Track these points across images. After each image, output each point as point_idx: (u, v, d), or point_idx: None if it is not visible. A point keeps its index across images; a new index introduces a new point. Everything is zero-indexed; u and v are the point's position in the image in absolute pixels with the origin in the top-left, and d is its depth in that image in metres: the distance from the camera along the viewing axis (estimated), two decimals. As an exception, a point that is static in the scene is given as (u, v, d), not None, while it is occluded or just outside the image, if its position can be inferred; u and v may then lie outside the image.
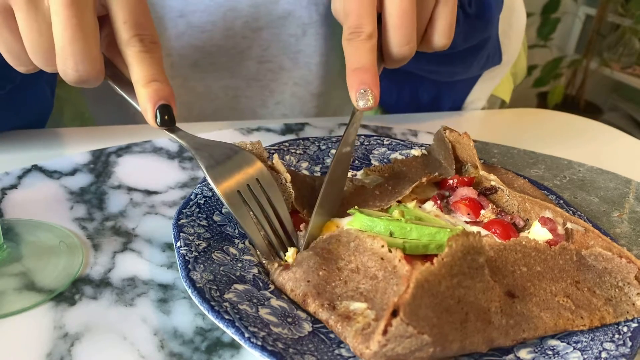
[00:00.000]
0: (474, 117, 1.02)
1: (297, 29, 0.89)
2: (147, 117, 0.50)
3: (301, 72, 0.94)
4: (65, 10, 0.45)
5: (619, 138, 0.96)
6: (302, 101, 0.97)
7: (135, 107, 0.51)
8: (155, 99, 0.49)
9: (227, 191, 0.49)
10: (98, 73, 0.49)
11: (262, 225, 0.51)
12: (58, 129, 0.81)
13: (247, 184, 0.51)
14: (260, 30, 0.88)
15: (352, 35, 0.54)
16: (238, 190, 0.50)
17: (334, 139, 0.72)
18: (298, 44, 0.91)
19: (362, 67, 0.53)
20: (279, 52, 0.91)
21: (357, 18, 0.54)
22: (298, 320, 0.44)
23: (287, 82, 0.95)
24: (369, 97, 0.52)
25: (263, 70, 0.92)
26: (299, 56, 0.92)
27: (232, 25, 0.86)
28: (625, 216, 0.67)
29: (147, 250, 0.54)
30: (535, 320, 0.45)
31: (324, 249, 0.49)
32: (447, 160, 0.65)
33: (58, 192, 0.61)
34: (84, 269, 0.51)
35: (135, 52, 0.49)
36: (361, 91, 0.52)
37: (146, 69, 0.49)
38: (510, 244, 0.48)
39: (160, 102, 0.49)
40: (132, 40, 0.49)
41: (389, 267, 0.45)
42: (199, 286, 0.44)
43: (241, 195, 0.50)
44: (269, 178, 0.52)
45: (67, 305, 0.47)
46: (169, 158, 0.70)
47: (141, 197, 0.62)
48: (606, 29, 3.43)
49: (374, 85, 0.52)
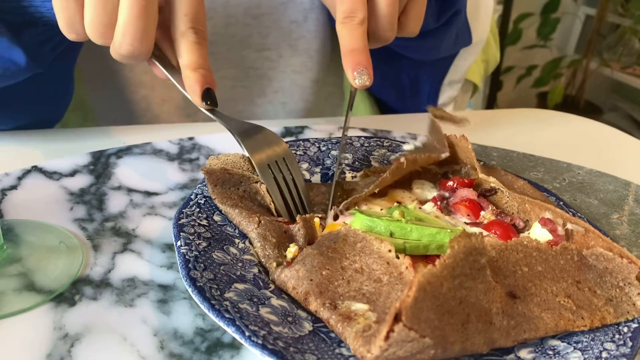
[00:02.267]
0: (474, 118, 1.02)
1: (299, 14, 0.90)
2: (194, 97, 0.56)
3: (301, 59, 0.95)
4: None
5: (619, 138, 0.96)
6: (301, 88, 0.98)
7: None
8: (202, 82, 0.56)
9: (259, 161, 0.57)
10: (149, 52, 0.55)
11: (283, 193, 0.58)
12: (58, 130, 0.81)
13: (275, 159, 0.58)
14: (261, 17, 0.89)
15: (347, 20, 0.59)
16: (268, 163, 0.58)
17: (334, 140, 0.72)
18: (299, 30, 0.92)
19: (357, 48, 0.58)
20: (279, 40, 0.92)
21: (351, 4, 0.59)
22: (298, 320, 0.44)
23: (285, 70, 0.95)
24: (365, 76, 0.58)
25: (261, 59, 0.93)
26: (298, 43, 0.93)
27: (234, 12, 0.87)
28: (625, 218, 0.67)
29: (147, 251, 0.54)
30: (536, 321, 0.45)
31: (329, 248, 0.49)
32: (441, 142, 0.65)
33: (58, 193, 0.61)
34: (84, 269, 0.51)
35: (189, 42, 0.55)
36: (358, 71, 0.58)
37: (197, 57, 0.56)
38: (511, 244, 0.48)
39: (206, 85, 0.56)
40: (189, 31, 0.55)
41: (395, 272, 0.45)
42: (200, 285, 0.44)
43: (270, 168, 0.58)
44: (293, 158, 0.60)
45: (67, 305, 0.47)
46: (168, 160, 0.70)
47: (141, 198, 0.62)
48: (606, 29, 3.43)
49: (368, 65, 0.58)
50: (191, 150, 0.73)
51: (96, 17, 0.53)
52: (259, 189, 0.57)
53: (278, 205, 0.57)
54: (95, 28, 0.53)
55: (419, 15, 0.65)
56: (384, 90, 1.08)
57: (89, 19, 0.53)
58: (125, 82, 0.90)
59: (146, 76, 0.89)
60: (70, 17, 0.54)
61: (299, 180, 0.59)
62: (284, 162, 0.59)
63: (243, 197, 0.56)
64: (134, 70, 0.89)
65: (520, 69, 3.44)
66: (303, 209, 0.59)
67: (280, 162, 0.59)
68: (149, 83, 0.90)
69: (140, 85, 0.90)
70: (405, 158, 0.59)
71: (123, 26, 0.52)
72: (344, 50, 0.59)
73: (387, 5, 0.60)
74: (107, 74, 0.89)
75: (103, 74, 0.89)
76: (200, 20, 0.56)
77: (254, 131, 0.60)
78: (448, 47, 0.98)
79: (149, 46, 0.54)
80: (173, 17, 0.55)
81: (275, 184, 0.57)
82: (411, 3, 0.64)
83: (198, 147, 0.74)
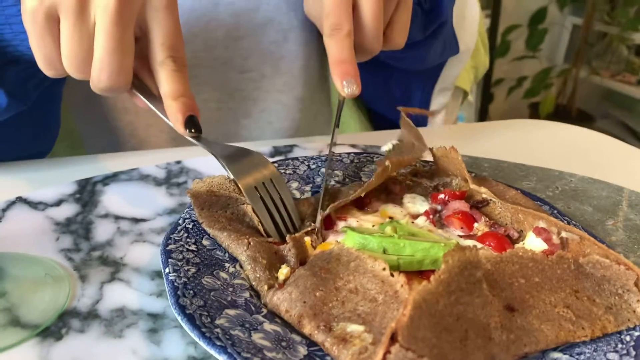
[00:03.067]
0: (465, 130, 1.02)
1: (278, 35, 0.91)
2: (177, 125, 0.56)
3: (284, 78, 0.95)
4: (111, 27, 0.51)
5: (612, 145, 0.96)
6: (286, 107, 0.98)
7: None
8: (184, 111, 0.55)
9: (246, 185, 0.57)
10: (127, 84, 0.55)
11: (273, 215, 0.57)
12: (42, 160, 0.80)
13: (262, 181, 0.58)
14: (241, 39, 0.89)
15: (334, 32, 0.60)
16: (255, 186, 0.57)
17: (324, 157, 0.71)
18: (279, 50, 0.92)
19: (344, 59, 0.60)
20: (261, 60, 0.92)
21: (337, 17, 0.60)
22: (293, 344, 0.43)
23: (269, 90, 0.95)
24: (354, 86, 0.59)
25: (245, 80, 0.93)
26: (280, 63, 0.94)
27: (213, 35, 0.88)
28: (620, 224, 0.66)
29: (135, 279, 0.53)
30: (536, 334, 0.44)
31: (322, 268, 0.48)
32: (419, 139, 0.66)
33: (43, 223, 0.60)
34: (70, 301, 0.50)
35: (168, 70, 0.55)
36: (346, 80, 0.59)
37: (177, 85, 0.56)
38: (506, 256, 0.47)
39: (189, 113, 0.56)
40: (167, 60, 0.55)
41: (390, 291, 0.44)
42: (189, 313, 0.43)
43: (257, 190, 0.57)
44: (281, 179, 0.60)
45: (54, 340, 0.45)
46: (156, 185, 0.69)
47: (129, 226, 0.61)
48: (593, 37, 3.46)
49: (356, 75, 0.60)
50: (179, 174, 0.72)
51: (73, 53, 0.53)
52: (247, 210, 0.56)
53: (267, 227, 0.56)
54: (72, 64, 0.53)
55: (404, 28, 0.66)
56: (377, 102, 1.09)
57: (66, 55, 0.53)
58: (110, 108, 0.90)
59: (130, 102, 0.88)
60: (47, 55, 0.54)
61: (288, 201, 0.59)
62: (272, 184, 0.58)
63: (231, 220, 0.55)
64: (118, 98, 0.88)
65: (511, 80, 3.46)
66: (294, 229, 0.58)
67: (268, 183, 0.58)
68: (133, 109, 0.89)
69: (124, 111, 0.90)
70: (389, 161, 0.59)
71: (100, 61, 0.52)
72: (332, 61, 0.60)
73: (372, 18, 0.61)
74: (92, 101, 0.89)
75: (88, 101, 0.89)
76: (178, 48, 0.56)
77: (239, 155, 0.59)
78: (436, 57, 0.99)
79: (127, 79, 0.54)
80: (150, 47, 0.55)
81: (263, 207, 0.57)
82: (396, 16, 0.65)
83: (186, 170, 0.73)
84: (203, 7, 0.86)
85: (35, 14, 0.52)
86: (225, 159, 0.58)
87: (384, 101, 1.08)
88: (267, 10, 0.88)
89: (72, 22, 0.51)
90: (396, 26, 0.66)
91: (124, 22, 0.51)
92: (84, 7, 0.51)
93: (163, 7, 0.54)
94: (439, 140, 0.68)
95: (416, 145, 0.65)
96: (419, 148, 0.64)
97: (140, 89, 0.59)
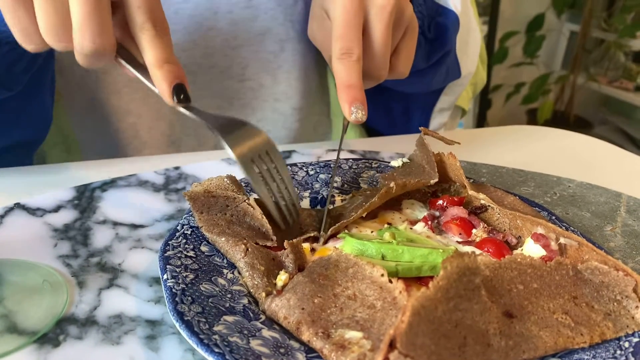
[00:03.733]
0: (464, 137, 1.02)
1: (275, 45, 0.92)
2: (164, 96, 0.54)
3: (281, 87, 0.96)
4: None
5: (610, 151, 0.96)
6: (283, 116, 0.98)
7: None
8: (170, 79, 0.53)
9: (241, 156, 0.53)
10: (112, 46, 0.53)
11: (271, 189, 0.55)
12: (40, 166, 0.80)
13: (258, 153, 0.55)
14: (239, 48, 0.90)
15: (344, 56, 0.60)
16: (251, 158, 0.54)
17: (322, 163, 0.71)
18: (277, 60, 0.93)
19: (353, 84, 0.60)
20: (259, 70, 0.93)
21: (348, 41, 0.61)
22: (291, 351, 0.43)
23: (267, 99, 0.96)
24: (361, 112, 0.60)
25: (244, 89, 0.94)
26: (278, 72, 0.94)
27: (212, 43, 0.88)
28: (618, 230, 0.66)
29: (133, 286, 0.53)
30: (534, 340, 0.44)
31: (320, 275, 0.48)
32: (430, 164, 0.65)
33: (42, 229, 0.60)
34: (68, 308, 0.49)
35: (148, 36, 0.53)
36: (355, 106, 0.59)
37: (159, 52, 0.53)
38: (505, 262, 0.47)
39: (176, 81, 0.54)
40: (146, 24, 0.53)
41: (389, 297, 0.44)
42: (187, 319, 0.43)
43: (253, 161, 0.54)
44: (276, 149, 0.57)
45: (51, 346, 0.45)
46: (154, 191, 0.69)
47: (127, 232, 0.61)
48: (591, 44, 3.48)
49: (363, 101, 0.60)
50: (177, 180, 0.72)
51: (49, 22, 0.51)
52: (247, 210, 0.56)
53: (267, 204, 0.55)
54: (51, 34, 0.52)
55: (409, 57, 0.67)
56: (376, 120, 1.09)
57: (42, 25, 0.52)
58: (112, 110, 0.90)
59: (133, 104, 0.89)
60: (24, 28, 0.53)
61: (285, 174, 0.57)
62: (267, 155, 0.56)
63: (231, 222, 0.55)
64: (121, 99, 0.88)
65: (509, 86, 3.47)
66: (292, 205, 0.57)
67: (264, 155, 0.56)
68: (136, 110, 0.89)
69: (127, 113, 0.90)
70: (395, 183, 0.58)
71: (79, 25, 0.51)
72: (340, 85, 0.60)
73: (381, 44, 0.62)
74: (93, 104, 0.89)
75: (89, 104, 0.89)
76: (156, 11, 0.54)
77: (234, 125, 0.56)
78: (438, 83, 1.00)
79: (110, 39, 0.53)
80: (128, 12, 0.54)
81: (260, 179, 0.55)
82: (402, 44, 0.66)
83: (184, 176, 0.73)
84: (202, 15, 0.86)
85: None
86: (219, 129, 0.54)
87: (383, 120, 1.09)
88: (265, 20, 0.89)
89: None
90: (402, 54, 0.67)
91: None
92: None
93: None
94: (437, 147, 0.68)
95: (426, 170, 0.65)
96: (428, 174, 0.64)
97: (127, 59, 0.57)
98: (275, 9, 0.90)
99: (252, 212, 0.56)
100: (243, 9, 0.88)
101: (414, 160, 0.69)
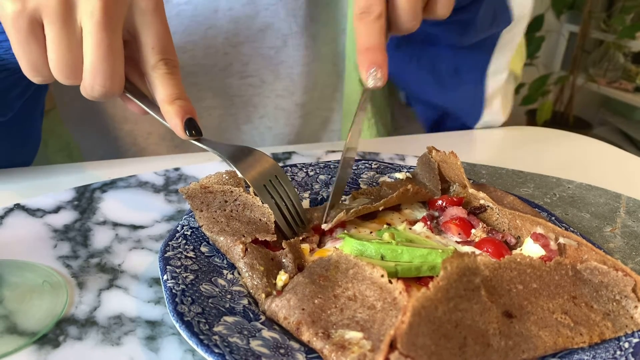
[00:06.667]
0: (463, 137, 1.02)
1: (277, 40, 0.91)
2: (177, 130, 0.56)
3: (283, 83, 0.95)
4: (99, 33, 0.50)
5: (610, 152, 0.96)
6: (286, 112, 0.98)
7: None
8: (181, 115, 0.55)
9: (254, 180, 0.57)
10: (121, 88, 0.54)
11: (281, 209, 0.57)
12: (41, 167, 0.80)
13: (269, 178, 0.58)
14: (240, 45, 0.90)
15: (363, 15, 0.58)
16: (264, 184, 0.58)
17: (322, 164, 0.71)
18: (279, 55, 0.92)
19: (372, 46, 0.57)
20: (260, 66, 0.92)
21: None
22: (291, 351, 0.43)
23: (269, 96, 0.95)
24: (378, 76, 0.57)
25: (245, 86, 0.93)
26: (280, 68, 0.93)
27: (213, 42, 0.88)
28: (618, 231, 0.66)
29: (133, 287, 0.53)
30: (534, 340, 0.44)
31: (320, 276, 0.48)
32: (433, 182, 0.65)
33: (41, 230, 0.60)
34: (68, 308, 0.49)
35: (161, 74, 0.55)
36: (371, 71, 0.57)
37: (171, 89, 0.55)
38: (505, 262, 0.47)
39: (187, 116, 0.55)
40: (159, 64, 0.55)
41: (389, 298, 0.44)
42: (187, 320, 0.43)
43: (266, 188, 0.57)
44: (283, 173, 0.60)
45: (51, 347, 0.45)
46: (154, 192, 0.69)
47: (127, 232, 0.61)
48: (590, 45, 3.48)
49: (383, 64, 0.57)
50: (177, 181, 0.72)
51: (62, 60, 0.51)
52: (246, 201, 0.56)
53: (280, 224, 0.56)
54: (61, 70, 0.52)
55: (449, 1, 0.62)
56: (422, 86, 1.02)
57: (53, 61, 0.52)
58: (109, 118, 0.89)
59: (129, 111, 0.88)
60: (34, 61, 0.52)
61: (294, 195, 0.59)
62: (277, 180, 0.59)
63: (231, 217, 0.55)
64: (117, 107, 0.88)
65: (508, 87, 3.46)
66: (301, 222, 0.59)
67: (274, 179, 0.59)
68: (133, 117, 0.89)
69: (124, 120, 0.90)
70: (412, 186, 0.59)
71: (91, 68, 0.51)
72: (359, 47, 0.58)
73: None
74: (90, 112, 0.89)
75: (86, 113, 0.89)
76: (169, 50, 0.55)
77: (242, 153, 0.59)
78: (485, 25, 0.90)
79: (120, 83, 0.54)
80: (141, 52, 0.55)
81: (275, 205, 0.57)
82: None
83: (184, 177, 0.73)
84: (203, 14, 0.86)
85: (18, 19, 0.50)
86: (230, 158, 0.58)
87: (429, 85, 1.00)
88: (266, 16, 0.89)
89: (59, 28, 0.50)
90: None
91: (112, 26, 0.50)
92: (69, 12, 0.50)
93: (151, 10, 0.53)
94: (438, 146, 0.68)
95: (428, 187, 0.65)
96: (431, 191, 0.64)
97: (133, 93, 0.58)
98: (276, 4, 0.89)
99: (251, 202, 0.56)
100: (243, 6, 0.88)
101: (416, 177, 0.69)
